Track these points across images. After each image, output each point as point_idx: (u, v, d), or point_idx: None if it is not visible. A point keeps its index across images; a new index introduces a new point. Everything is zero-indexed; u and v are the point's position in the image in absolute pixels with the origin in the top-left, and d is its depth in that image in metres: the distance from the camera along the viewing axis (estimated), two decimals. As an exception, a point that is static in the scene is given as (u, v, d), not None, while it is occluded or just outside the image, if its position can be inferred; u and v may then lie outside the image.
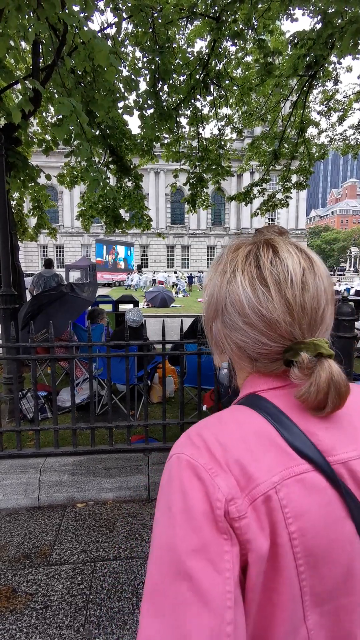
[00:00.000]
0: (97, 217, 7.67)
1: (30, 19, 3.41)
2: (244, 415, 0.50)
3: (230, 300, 0.53)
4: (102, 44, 3.12)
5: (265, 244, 0.54)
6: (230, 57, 7.20)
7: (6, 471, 2.74)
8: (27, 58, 6.20)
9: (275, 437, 0.47)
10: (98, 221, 8.98)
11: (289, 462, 0.45)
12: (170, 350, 3.72)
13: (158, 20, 5.15)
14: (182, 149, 7.92)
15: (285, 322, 0.49)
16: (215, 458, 0.45)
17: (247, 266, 0.53)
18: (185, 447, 0.48)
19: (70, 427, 2.88)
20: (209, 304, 0.58)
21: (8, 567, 2.08)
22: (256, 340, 0.51)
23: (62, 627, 1.72)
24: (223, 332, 0.56)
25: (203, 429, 0.50)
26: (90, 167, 3.86)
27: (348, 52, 4.45)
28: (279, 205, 9.24)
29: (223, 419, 0.51)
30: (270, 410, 0.49)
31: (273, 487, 0.43)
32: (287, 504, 0.43)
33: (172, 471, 0.47)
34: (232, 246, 0.59)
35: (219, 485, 0.43)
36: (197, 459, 0.45)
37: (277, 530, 0.42)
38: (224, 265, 0.56)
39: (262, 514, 0.43)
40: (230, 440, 0.46)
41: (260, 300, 0.50)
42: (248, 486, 0.43)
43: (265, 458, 0.45)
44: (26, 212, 8.52)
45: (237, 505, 0.42)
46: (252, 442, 0.46)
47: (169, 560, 0.41)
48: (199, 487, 0.43)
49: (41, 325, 4.05)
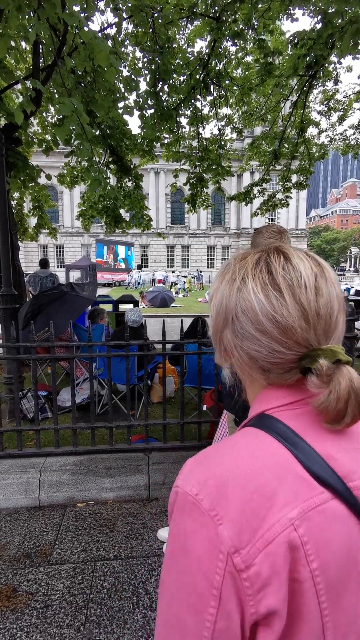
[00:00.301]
0: (97, 217, 7.68)
1: (30, 19, 3.41)
2: (258, 442, 0.47)
3: (242, 308, 0.51)
4: (102, 44, 3.12)
5: (275, 250, 0.53)
6: (231, 57, 7.20)
7: (7, 471, 2.74)
8: (28, 58, 6.20)
9: (292, 464, 0.44)
10: (98, 221, 8.98)
11: (309, 492, 0.42)
12: (170, 350, 3.73)
13: (158, 20, 5.15)
14: (182, 149, 7.91)
15: (301, 328, 0.47)
16: (222, 500, 0.42)
17: (257, 272, 0.51)
18: (189, 482, 0.45)
19: (70, 427, 2.88)
20: (218, 313, 0.55)
21: (9, 566, 2.09)
22: (270, 349, 0.49)
23: (62, 626, 1.72)
24: (233, 342, 0.53)
25: (212, 461, 0.46)
26: (91, 167, 3.86)
27: (348, 52, 4.45)
28: (279, 205, 9.24)
29: (235, 447, 0.47)
30: (285, 434, 0.46)
31: (290, 525, 0.40)
32: (308, 540, 0.40)
33: (176, 511, 0.45)
34: (239, 255, 0.57)
35: (221, 536, 0.40)
36: (201, 499, 0.42)
37: (297, 569, 0.40)
38: (232, 274, 0.54)
39: (277, 557, 0.39)
40: (243, 475, 0.43)
41: (274, 306, 0.48)
42: (260, 528, 0.40)
43: (281, 492, 0.42)
44: (26, 212, 8.53)
45: (242, 555, 0.40)
46: (267, 475, 0.43)
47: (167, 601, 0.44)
48: (201, 538, 0.41)
49: (42, 325, 4.05)
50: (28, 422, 3.66)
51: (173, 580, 0.43)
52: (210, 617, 0.40)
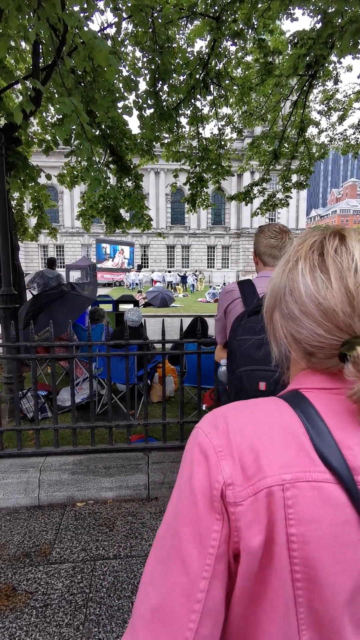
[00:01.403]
0: (97, 217, 7.68)
1: (30, 19, 3.41)
2: (277, 407, 0.49)
3: (289, 289, 0.51)
4: (102, 44, 3.13)
5: (333, 233, 0.52)
6: (230, 56, 7.20)
7: (6, 470, 2.74)
8: (27, 58, 6.20)
9: (302, 437, 0.45)
10: (98, 221, 8.99)
11: (310, 466, 0.43)
12: (170, 349, 3.73)
13: (158, 20, 5.15)
14: (182, 149, 7.91)
15: (344, 312, 0.46)
16: (229, 442, 0.46)
17: (310, 254, 0.51)
18: (207, 424, 0.49)
19: (70, 427, 2.88)
20: (271, 294, 0.56)
21: (8, 565, 2.09)
22: (312, 332, 0.48)
23: (61, 625, 1.73)
24: (280, 323, 0.54)
25: (231, 410, 0.50)
26: (91, 167, 3.87)
27: (348, 51, 4.45)
28: (279, 205, 9.24)
29: (256, 406, 0.50)
30: (306, 410, 0.47)
31: (281, 484, 0.42)
32: (293, 504, 0.41)
33: (190, 443, 0.49)
34: (301, 237, 0.56)
35: (222, 468, 0.44)
36: (212, 438, 0.47)
37: (275, 528, 0.41)
38: (289, 256, 0.54)
39: (262, 506, 0.42)
40: (253, 428, 0.46)
41: (319, 287, 0.47)
42: (255, 476, 0.43)
43: (284, 454, 0.44)
44: (26, 212, 8.53)
45: (234, 491, 0.43)
46: (274, 435, 0.45)
47: (171, 519, 0.47)
48: (204, 465, 0.45)
49: (43, 325, 4.05)
50: (28, 422, 3.67)
51: (177, 505, 0.47)
52: (214, 541, 0.43)
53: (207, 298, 20.83)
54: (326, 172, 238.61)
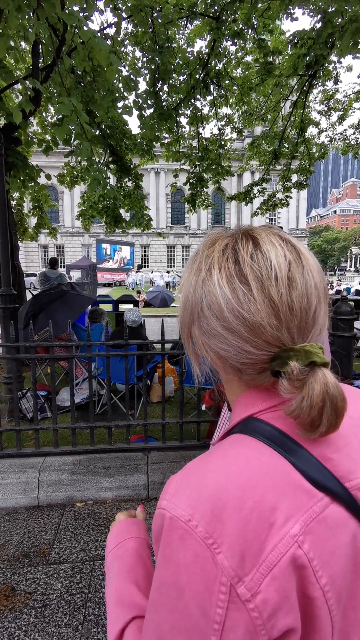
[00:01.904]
0: (97, 217, 7.68)
1: (30, 19, 3.41)
2: (249, 450, 0.42)
3: (207, 303, 0.45)
4: (102, 44, 3.12)
5: (244, 235, 0.47)
6: (230, 56, 7.20)
7: (5, 470, 2.74)
8: (27, 58, 6.20)
9: (289, 471, 0.40)
10: (98, 221, 8.99)
11: (308, 501, 0.39)
12: (169, 349, 3.73)
13: (158, 20, 5.15)
14: (182, 149, 7.92)
15: (271, 325, 0.42)
16: (217, 522, 0.37)
17: (224, 262, 0.45)
18: (179, 505, 0.39)
19: (69, 427, 2.88)
20: (184, 307, 0.50)
21: (7, 566, 2.09)
22: (238, 349, 0.44)
23: (60, 625, 1.73)
24: (201, 340, 0.48)
25: (201, 477, 0.41)
26: (90, 167, 3.87)
27: (348, 51, 4.45)
28: (279, 204, 9.24)
29: (226, 459, 0.42)
30: (277, 439, 0.42)
31: (294, 543, 0.36)
32: (314, 556, 0.37)
33: (166, 540, 0.39)
34: (208, 240, 0.51)
35: (222, 565, 0.36)
36: (195, 526, 0.37)
37: (307, 587, 0.37)
38: (199, 263, 0.48)
39: (284, 579, 0.36)
40: (238, 492, 0.38)
41: (241, 301, 0.43)
42: (262, 552, 0.36)
43: (282, 505, 0.38)
44: (26, 212, 8.53)
45: (246, 583, 0.35)
46: (263, 488, 0.39)
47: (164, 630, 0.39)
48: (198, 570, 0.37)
49: (42, 325, 4.05)
50: (27, 422, 3.66)
51: (165, 622, 0.38)
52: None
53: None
54: (326, 172, 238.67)
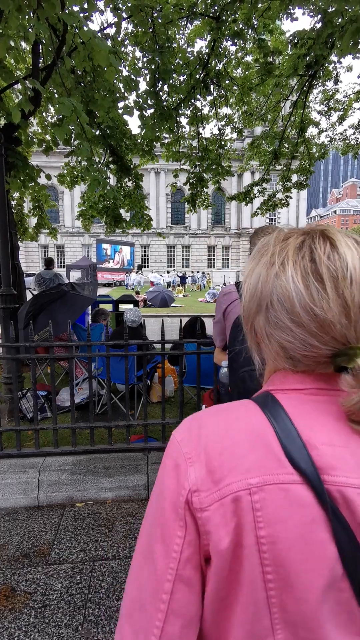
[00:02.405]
0: (97, 217, 7.68)
1: (30, 19, 3.41)
2: (246, 411, 0.49)
3: (278, 296, 0.48)
4: (102, 44, 3.12)
5: (321, 235, 0.49)
6: (230, 56, 7.19)
7: (5, 470, 2.74)
8: (27, 58, 6.20)
9: (270, 440, 0.45)
10: (98, 221, 8.99)
11: (277, 468, 0.43)
12: (169, 349, 3.73)
13: (158, 20, 5.15)
14: (182, 149, 7.91)
15: (340, 324, 0.45)
16: (199, 448, 0.47)
17: (299, 259, 0.48)
18: (181, 431, 0.51)
19: (69, 427, 2.88)
20: (252, 297, 0.52)
21: (7, 566, 2.09)
22: (304, 342, 0.47)
23: (60, 625, 1.72)
24: (266, 330, 0.51)
25: (205, 416, 0.51)
26: (90, 167, 3.87)
27: (348, 51, 4.43)
28: (279, 205, 9.23)
29: (228, 411, 0.51)
30: (276, 412, 0.47)
31: (247, 489, 0.43)
32: (261, 507, 0.42)
33: (166, 449, 0.51)
34: (281, 235, 0.53)
35: (188, 474, 0.46)
36: (183, 445, 0.48)
37: (243, 532, 0.42)
38: (272, 256, 0.50)
39: (228, 511, 0.43)
40: (222, 433, 0.47)
41: (314, 298, 0.45)
42: (221, 481, 0.44)
43: (250, 457, 0.44)
44: (26, 212, 8.53)
45: (200, 497, 0.44)
46: (242, 439, 0.46)
47: (146, 519, 0.50)
48: (173, 472, 0.48)
49: (42, 325, 4.05)
50: (27, 422, 3.66)
51: (151, 508, 0.49)
52: (177, 546, 0.45)
53: (207, 298, 20.88)
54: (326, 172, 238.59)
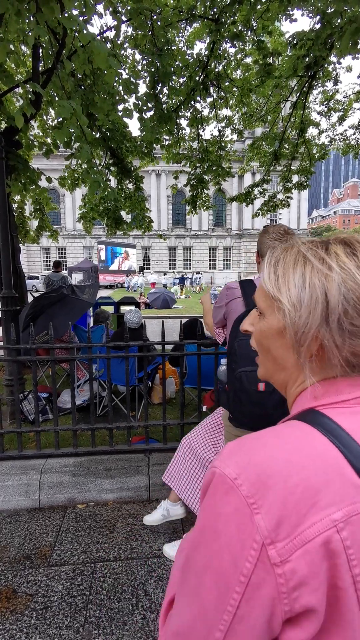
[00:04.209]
0: (98, 219, 7.71)
1: (29, 23, 3.43)
2: (304, 435, 0.44)
3: (353, 302, 0.46)
4: (101, 47, 3.14)
5: (354, 239, 0.50)
6: (230, 58, 7.21)
7: (7, 472, 2.75)
8: (28, 62, 6.24)
9: (341, 463, 0.41)
10: (100, 223, 9.02)
11: (356, 494, 0.40)
12: (170, 351, 3.73)
13: (157, 23, 5.18)
14: (182, 151, 7.93)
15: None
16: (261, 486, 0.40)
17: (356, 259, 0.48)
18: (228, 464, 0.43)
19: (70, 428, 2.89)
20: (308, 311, 0.48)
21: (8, 568, 2.09)
22: None
23: (61, 627, 1.72)
24: (337, 342, 0.47)
25: (254, 447, 0.44)
26: (90, 170, 3.88)
27: (347, 52, 4.44)
28: (280, 205, 9.23)
29: (280, 437, 0.45)
30: (335, 431, 0.44)
31: (334, 526, 0.38)
32: (352, 544, 0.38)
33: (211, 491, 0.43)
34: (311, 243, 0.52)
35: (257, 524, 0.39)
36: (240, 484, 0.41)
37: (337, 575, 0.38)
38: (319, 263, 0.49)
39: (317, 557, 0.38)
40: (286, 465, 0.41)
41: None
42: (301, 524, 0.38)
43: (327, 490, 0.39)
44: (28, 215, 8.56)
45: (278, 548, 0.38)
46: (313, 470, 0.40)
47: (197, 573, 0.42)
48: (236, 523, 0.40)
49: (42, 328, 4.06)
50: (29, 424, 3.67)
51: (199, 562, 0.42)
52: (233, 601, 0.39)
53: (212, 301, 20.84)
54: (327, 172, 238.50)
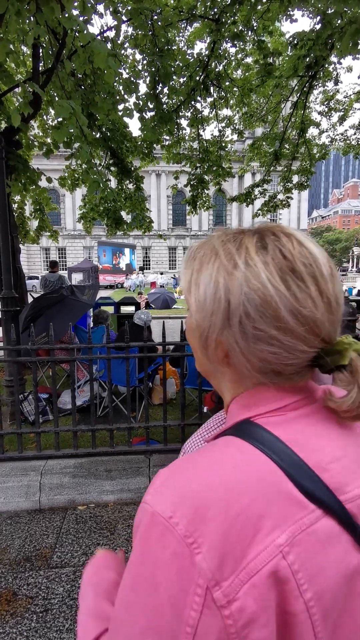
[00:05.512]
0: (98, 219, 7.70)
1: (29, 22, 3.43)
2: (242, 454, 0.40)
3: (256, 303, 0.41)
4: (101, 47, 3.13)
5: (281, 232, 0.44)
6: (230, 58, 7.21)
7: (7, 474, 2.74)
8: (28, 62, 6.23)
9: (281, 480, 0.38)
10: (100, 223, 9.01)
11: (299, 512, 0.37)
12: (171, 351, 3.71)
13: (157, 22, 5.17)
14: (182, 151, 7.93)
15: (328, 321, 0.42)
16: (200, 521, 0.36)
17: (269, 258, 0.42)
18: (162, 500, 0.38)
19: (71, 429, 2.88)
20: (213, 310, 0.44)
21: (9, 570, 2.08)
22: (291, 349, 0.41)
23: (62, 630, 1.71)
24: (241, 346, 0.43)
25: (189, 475, 0.39)
26: (90, 170, 3.87)
27: (348, 52, 4.44)
28: (280, 205, 9.23)
29: (216, 460, 0.40)
30: (272, 445, 0.40)
31: (279, 553, 0.35)
32: (299, 568, 0.35)
33: (144, 534, 0.38)
34: (224, 236, 0.46)
35: (199, 566, 0.34)
36: (176, 523, 0.36)
37: (289, 601, 0.35)
38: (227, 257, 0.43)
39: (264, 589, 0.34)
40: (225, 494, 0.37)
41: (299, 298, 0.40)
42: (244, 558, 0.35)
43: (270, 513, 0.36)
44: (28, 215, 8.56)
45: (223, 588, 0.34)
46: (253, 494, 0.37)
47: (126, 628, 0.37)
48: (176, 569, 0.35)
49: (41, 329, 4.05)
50: (29, 425, 3.66)
51: (137, 625, 0.36)
52: None
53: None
54: (327, 172, 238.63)
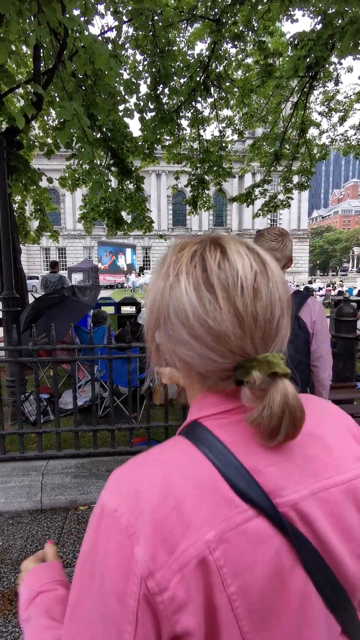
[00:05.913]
0: (99, 219, 7.71)
1: (31, 23, 3.43)
2: (183, 454, 0.44)
3: (174, 309, 0.45)
4: (102, 48, 3.14)
5: (212, 243, 0.47)
6: (231, 59, 7.22)
7: (9, 474, 2.74)
8: (29, 62, 6.24)
9: (216, 480, 0.41)
10: (100, 223, 9.02)
11: (230, 511, 0.40)
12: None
13: (158, 23, 5.17)
14: (183, 151, 7.94)
15: (235, 335, 0.43)
16: (140, 514, 0.39)
17: (192, 269, 0.45)
18: (111, 495, 0.42)
19: (72, 430, 2.88)
20: (151, 312, 0.49)
21: (11, 570, 2.08)
22: (203, 356, 0.44)
23: (64, 630, 1.72)
24: (167, 345, 0.48)
25: (136, 473, 0.44)
26: (92, 170, 3.88)
27: (348, 52, 4.45)
28: (280, 206, 9.23)
29: (162, 459, 0.45)
30: (212, 446, 0.44)
31: (206, 548, 0.38)
32: (225, 563, 0.38)
33: (95, 525, 0.42)
34: (178, 245, 0.51)
35: (137, 557, 0.38)
36: (120, 516, 0.40)
37: (213, 594, 0.38)
38: (167, 268, 0.48)
39: (192, 580, 0.38)
40: (162, 489, 0.41)
41: (207, 309, 0.43)
42: (175, 550, 0.38)
43: (200, 510, 0.39)
44: (28, 215, 8.57)
45: (156, 578, 0.37)
46: (188, 491, 0.40)
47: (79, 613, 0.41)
48: (120, 559, 0.39)
49: (42, 329, 4.05)
50: (30, 425, 3.66)
51: (88, 605, 0.41)
52: None
53: None
54: (327, 172, 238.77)
